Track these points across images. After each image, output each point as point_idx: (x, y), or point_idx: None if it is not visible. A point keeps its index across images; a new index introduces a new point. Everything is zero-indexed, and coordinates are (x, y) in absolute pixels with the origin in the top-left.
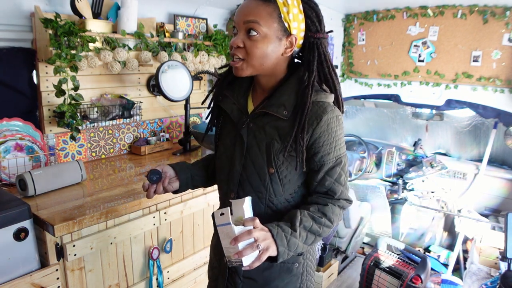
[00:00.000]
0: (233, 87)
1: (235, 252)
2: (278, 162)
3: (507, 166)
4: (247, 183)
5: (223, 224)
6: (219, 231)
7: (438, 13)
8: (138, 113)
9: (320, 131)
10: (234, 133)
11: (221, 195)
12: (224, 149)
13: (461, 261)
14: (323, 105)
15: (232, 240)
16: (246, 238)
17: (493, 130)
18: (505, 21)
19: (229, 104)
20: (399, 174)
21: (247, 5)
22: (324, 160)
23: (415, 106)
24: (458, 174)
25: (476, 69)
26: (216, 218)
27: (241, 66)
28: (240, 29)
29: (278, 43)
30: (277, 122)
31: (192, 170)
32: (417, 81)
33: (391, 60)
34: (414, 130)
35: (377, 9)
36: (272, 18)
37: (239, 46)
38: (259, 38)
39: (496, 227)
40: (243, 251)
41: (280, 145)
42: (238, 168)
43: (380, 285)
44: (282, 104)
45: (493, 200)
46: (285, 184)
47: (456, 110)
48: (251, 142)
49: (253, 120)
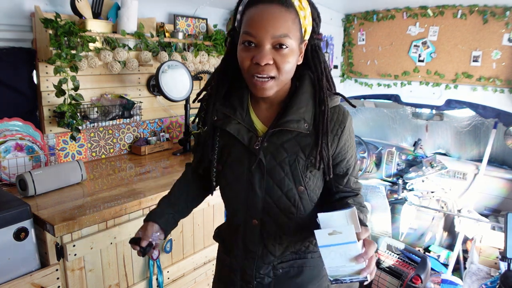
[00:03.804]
0: (230, 104)
1: (357, 271)
2: (306, 179)
3: (507, 166)
4: (274, 207)
5: (339, 244)
6: (326, 251)
7: (438, 13)
8: (138, 113)
9: (345, 138)
10: (246, 157)
11: (236, 222)
12: (234, 176)
13: (461, 261)
14: (341, 110)
15: (359, 258)
16: (373, 253)
17: (493, 130)
18: (505, 21)
19: (233, 125)
20: (399, 174)
21: (271, 14)
22: (350, 164)
23: (415, 106)
24: (458, 174)
25: (476, 69)
26: (322, 238)
27: (271, 86)
28: (265, 43)
29: (298, 53)
30: (297, 138)
31: (172, 211)
32: (417, 81)
33: (391, 60)
34: (414, 130)
35: (377, 9)
36: (295, 25)
37: (268, 63)
38: (289, 51)
39: (496, 227)
40: (371, 266)
41: (305, 161)
42: (259, 193)
43: (380, 285)
44: (301, 118)
45: (493, 200)
46: (312, 197)
47: (456, 110)
48: (271, 163)
49: (267, 139)
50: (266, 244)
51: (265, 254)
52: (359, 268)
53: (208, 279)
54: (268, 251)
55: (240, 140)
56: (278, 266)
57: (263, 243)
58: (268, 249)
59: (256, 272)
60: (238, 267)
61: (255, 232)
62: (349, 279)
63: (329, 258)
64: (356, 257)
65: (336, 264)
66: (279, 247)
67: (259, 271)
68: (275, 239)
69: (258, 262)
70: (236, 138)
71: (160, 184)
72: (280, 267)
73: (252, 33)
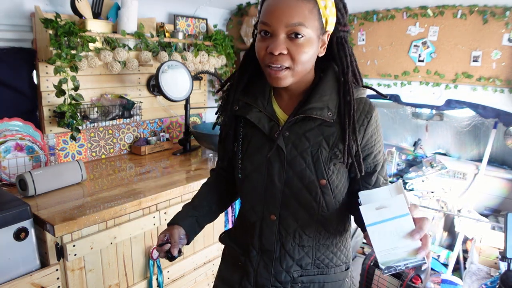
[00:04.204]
0: (251, 93)
1: (411, 252)
2: (329, 172)
3: (507, 166)
4: (293, 201)
5: (389, 219)
6: (375, 231)
7: (438, 13)
8: (138, 113)
9: (372, 129)
10: (266, 146)
11: (253, 219)
12: (253, 167)
13: (461, 261)
14: (367, 101)
15: (414, 233)
16: (427, 229)
17: (493, 130)
18: (505, 21)
19: (254, 113)
20: (399, 174)
21: (286, 3)
22: (377, 160)
23: (415, 106)
24: (458, 174)
25: (476, 69)
26: (368, 214)
27: (286, 75)
28: (279, 33)
29: (317, 43)
30: (321, 127)
31: (196, 214)
32: (417, 81)
33: (391, 60)
34: (414, 130)
35: (377, 9)
36: (313, 15)
37: (282, 53)
38: (305, 41)
39: (496, 227)
40: (428, 244)
41: (328, 152)
42: (278, 185)
43: (380, 285)
44: (325, 106)
45: (493, 200)
46: (336, 194)
47: (456, 110)
48: (291, 153)
49: (289, 128)
50: (284, 243)
51: (283, 255)
52: (414, 248)
53: (208, 279)
54: (286, 252)
55: (261, 128)
56: (298, 280)
57: (281, 242)
58: (286, 249)
59: (273, 277)
60: (252, 269)
61: (273, 229)
62: (404, 265)
63: (377, 239)
64: (410, 233)
65: (387, 246)
66: (299, 250)
67: (276, 277)
68: (294, 238)
69: (275, 264)
70: (257, 127)
71: (160, 184)
72: (299, 280)
73: (266, 22)
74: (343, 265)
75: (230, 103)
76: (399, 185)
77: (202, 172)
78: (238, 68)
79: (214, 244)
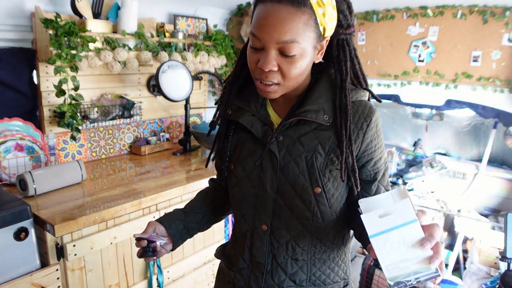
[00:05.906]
0: (245, 96)
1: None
2: (325, 179)
3: (507, 166)
4: (286, 210)
5: (395, 228)
6: (380, 242)
7: (438, 13)
8: (138, 113)
9: (371, 134)
10: (258, 151)
11: (244, 228)
12: (244, 173)
13: (460, 261)
14: (367, 104)
15: (425, 242)
16: (439, 236)
17: (493, 130)
18: (505, 21)
19: (247, 117)
20: (399, 174)
21: (277, 17)
22: (378, 167)
23: (415, 106)
24: (458, 174)
25: (476, 69)
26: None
27: (275, 90)
28: (270, 48)
29: (313, 53)
30: (316, 131)
31: (185, 219)
32: (417, 81)
33: (391, 60)
34: (414, 130)
35: (377, 9)
36: (308, 27)
37: (272, 70)
38: (297, 56)
39: (496, 227)
40: (440, 253)
41: (324, 158)
42: (270, 192)
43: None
44: (320, 108)
45: (493, 200)
46: (332, 204)
47: (456, 110)
48: (285, 158)
49: (283, 132)
50: (276, 255)
51: (274, 268)
52: (425, 257)
53: (208, 279)
54: (278, 265)
55: (254, 132)
56: None
57: (273, 254)
58: (278, 262)
59: None
60: (243, 282)
61: (264, 240)
62: (415, 279)
63: (383, 251)
64: (419, 242)
65: (395, 259)
66: (292, 263)
67: None
68: (286, 251)
69: (266, 278)
70: (249, 132)
71: (160, 184)
72: None
73: (256, 35)
74: (341, 281)
75: (223, 106)
76: (403, 189)
77: (202, 172)
78: (232, 70)
79: (214, 244)
